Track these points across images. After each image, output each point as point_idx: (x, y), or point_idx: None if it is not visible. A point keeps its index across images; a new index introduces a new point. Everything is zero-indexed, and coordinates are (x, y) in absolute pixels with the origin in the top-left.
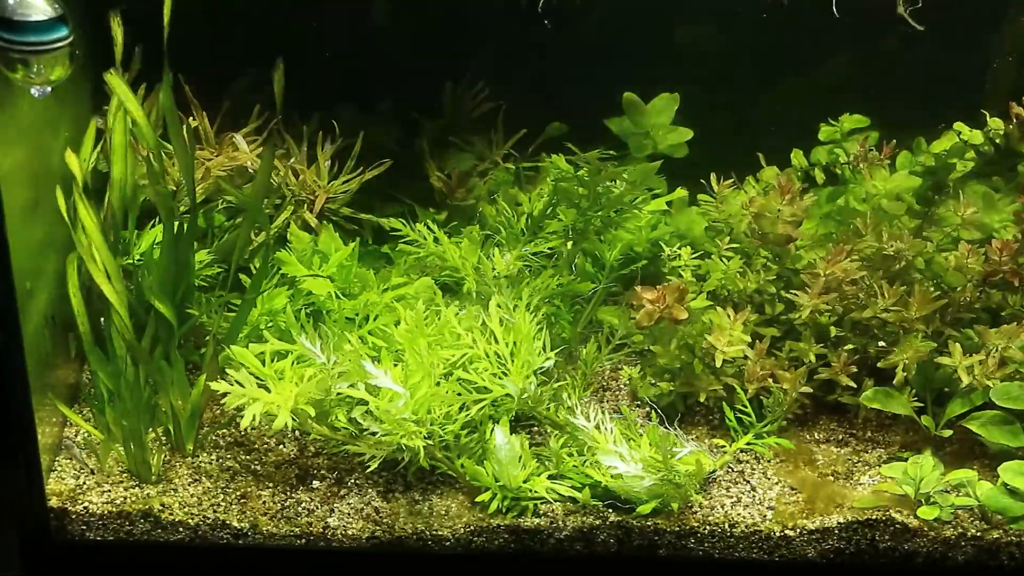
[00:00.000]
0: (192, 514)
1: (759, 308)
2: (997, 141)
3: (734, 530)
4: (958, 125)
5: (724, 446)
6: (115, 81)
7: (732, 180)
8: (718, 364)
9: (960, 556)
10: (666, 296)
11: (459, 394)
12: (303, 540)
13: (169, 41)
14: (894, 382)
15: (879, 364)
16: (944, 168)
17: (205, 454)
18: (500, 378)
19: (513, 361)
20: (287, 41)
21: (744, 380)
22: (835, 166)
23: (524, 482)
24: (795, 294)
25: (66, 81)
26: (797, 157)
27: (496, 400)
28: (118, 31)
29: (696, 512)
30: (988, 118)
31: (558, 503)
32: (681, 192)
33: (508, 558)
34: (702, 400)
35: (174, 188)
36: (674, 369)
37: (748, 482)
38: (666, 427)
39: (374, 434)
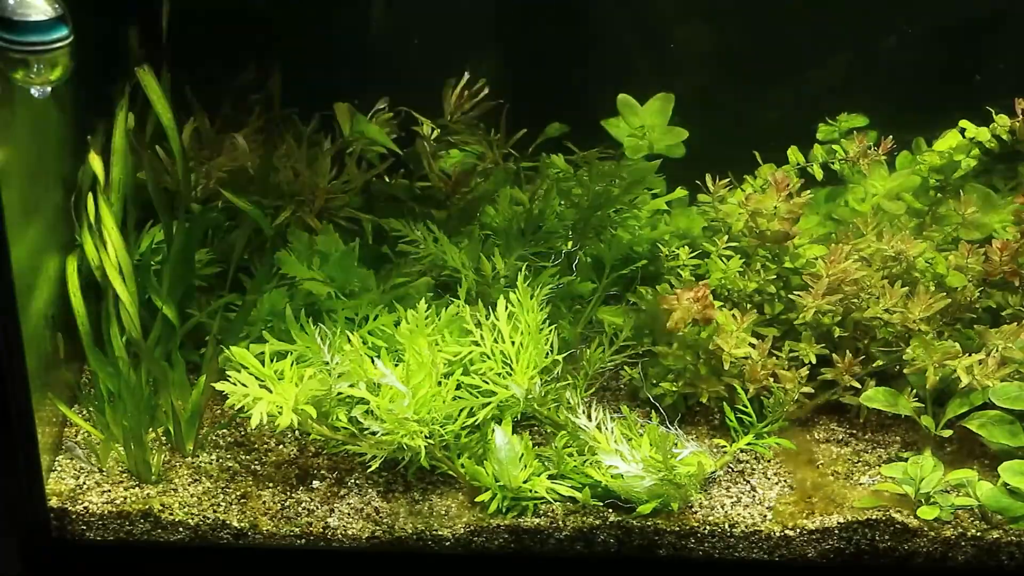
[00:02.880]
0: (192, 514)
1: (759, 308)
2: (1004, 137)
3: (734, 530)
4: (963, 122)
5: (724, 446)
6: (147, 78)
7: (729, 179)
8: (726, 366)
9: (960, 556)
10: (706, 295)
11: (457, 397)
12: (303, 540)
13: (169, 41)
14: (928, 385)
15: (906, 372)
16: (950, 166)
17: (205, 454)
18: (504, 377)
19: (518, 360)
20: (286, 40)
21: (745, 380)
22: (833, 162)
23: (524, 482)
24: (798, 295)
25: (66, 81)
26: (794, 154)
27: (500, 400)
28: (134, 43)
29: (696, 512)
30: (994, 115)
31: (558, 503)
32: (681, 192)
33: (508, 558)
34: (704, 401)
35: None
36: (678, 370)
37: (748, 482)
38: (667, 427)
39: (374, 434)
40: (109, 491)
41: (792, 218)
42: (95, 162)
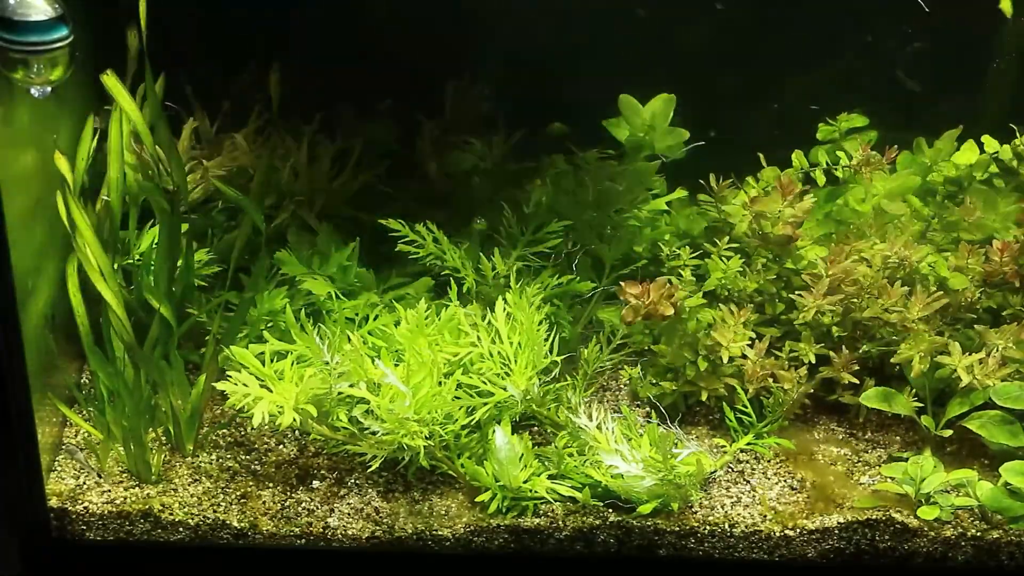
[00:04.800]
0: (192, 514)
1: (759, 308)
2: None
3: (734, 530)
4: (985, 138)
5: (724, 446)
6: (111, 82)
7: (731, 180)
8: (725, 361)
9: (960, 556)
10: (650, 291)
11: (456, 398)
12: (303, 540)
13: (169, 40)
14: (912, 376)
15: (892, 360)
16: (967, 178)
17: (205, 454)
18: (503, 378)
19: (517, 361)
20: (286, 40)
21: (744, 380)
22: (836, 167)
23: (524, 482)
24: (799, 295)
25: (66, 81)
26: (798, 158)
27: (499, 401)
28: (133, 42)
29: (696, 512)
30: (1018, 133)
31: (558, 503)
32: (681, 192)
33: (508, 558)
34: (703, 399)
35: (173, 188)
36: (677, 368)
37: (748, 482)
38: (667, 427)
39: (374, 434)
40: (109, 491)
41: (796, 222)
42: (60, 162)
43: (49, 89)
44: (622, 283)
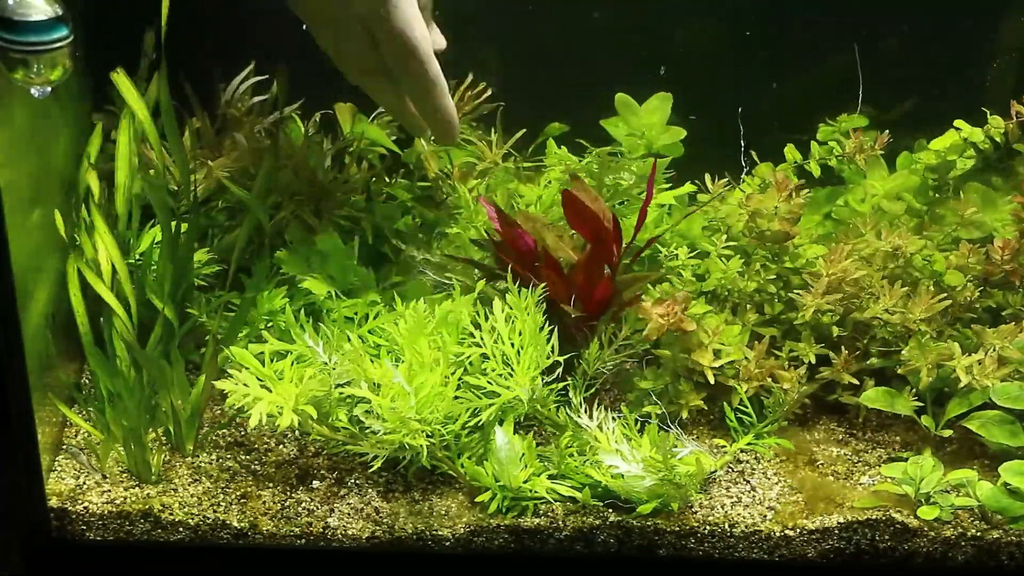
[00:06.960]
0: (192, 514)
1: (759, 308)
2: (997, 139)
3: (734, 530)
4: (958, 122)
5: (724, 446)
6: (121, 81)
7: (727, 180)
8: (711, 381)
9: (960, 556)
10: (675, 308)
11: (456, 397)
12: (303, 540)
13: (169, 39)
14: (921, 386)
15: (900, 371)
16: (944, 165)
17: (205, 454)
18: (506, 379)
19: (519, 362)
20: (285, 39)
21: (740, 380)
22: (829, 160)
23: (524, 482)
24: (798, 294)
25: (66, 80)
26: (791, 152)
27: (504, 402)
28: (150, 43)
29: (696, 512)
30: (989, 116)
31: (558, 503)
32: (690, 187)
33: (508, 558)
34: (684, 416)
35: (175, 188)
36: (658, 391)
37: (748, 482)
38: (666, 427)
39: (375, 433)
40: (109, 491)
41: (792, 218)
42: (91, 177)
43: (49, 89)
44: (644, 303)
